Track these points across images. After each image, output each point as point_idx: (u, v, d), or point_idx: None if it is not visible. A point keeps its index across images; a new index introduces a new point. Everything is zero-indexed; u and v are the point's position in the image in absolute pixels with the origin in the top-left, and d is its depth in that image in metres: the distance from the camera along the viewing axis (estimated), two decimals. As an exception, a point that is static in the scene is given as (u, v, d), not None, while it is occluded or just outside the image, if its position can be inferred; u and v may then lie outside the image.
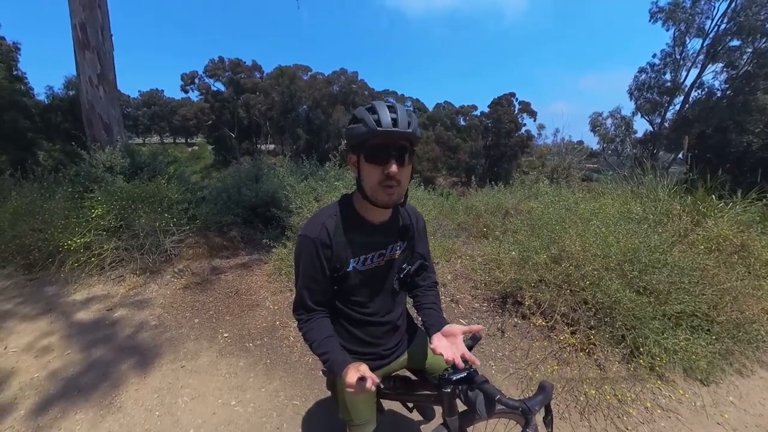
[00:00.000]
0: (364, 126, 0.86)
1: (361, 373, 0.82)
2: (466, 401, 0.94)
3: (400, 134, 0.86)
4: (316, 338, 0.96)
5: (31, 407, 1.88)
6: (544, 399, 0.87)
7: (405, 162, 0.90)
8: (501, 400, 0.84)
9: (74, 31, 5.02)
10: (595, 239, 2.69)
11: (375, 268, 1.02)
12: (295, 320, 1.02)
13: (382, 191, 0.90)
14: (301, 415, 1.83)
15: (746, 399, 2.02)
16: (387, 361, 1.14)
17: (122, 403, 1.91)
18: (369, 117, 0.86)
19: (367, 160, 0.89)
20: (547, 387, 0.88)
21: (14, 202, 3.96)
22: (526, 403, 0.84)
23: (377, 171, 0.88)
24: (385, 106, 0.88)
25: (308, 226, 0.96)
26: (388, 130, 0.84)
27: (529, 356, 2.27)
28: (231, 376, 2.10)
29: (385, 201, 0.91)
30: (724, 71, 17.51)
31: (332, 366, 0.90)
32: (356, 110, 0.91)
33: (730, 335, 2.39)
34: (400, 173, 0.89)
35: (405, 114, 0.88)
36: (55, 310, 2.81)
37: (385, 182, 0.88)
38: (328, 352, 0.93)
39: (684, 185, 4.02)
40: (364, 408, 1.10)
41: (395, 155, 0.87)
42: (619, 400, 1.92)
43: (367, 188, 0.92)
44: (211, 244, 3.91)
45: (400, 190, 0.92)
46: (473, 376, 0.94)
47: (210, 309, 2.83)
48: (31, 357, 2.27)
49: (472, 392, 0.93)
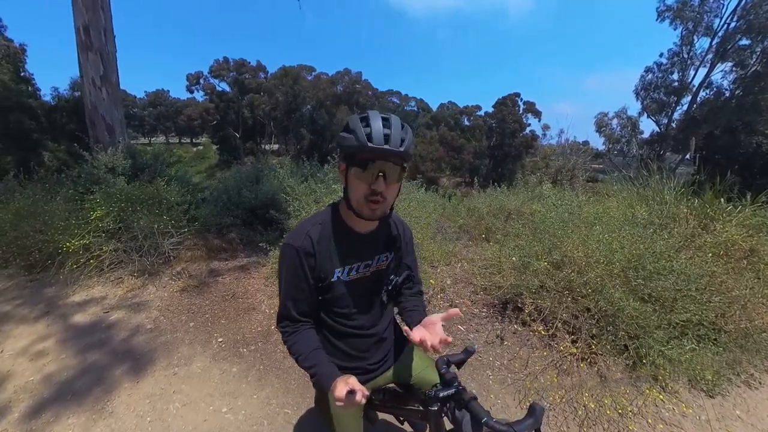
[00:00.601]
0: (354, 139, 0.83)
1: (350, 386, 0.79)
2: (452, 420, 0.91)
3: (391, 153, 0.83)
4: (303, 351, 0.93)
5: (25, 411, 1.88)
6: (533, 423, 0.81)
7: (394, 179, 0.88)
8: (488, 423, 0.79)
9: (77, 33, 5.06)
10: (598, 245, 2.62)
11: (361, 279, 1.00)
12: (280, 333, 0.99)
13: (367, 206, 0.88)
14: (292, 424, 1.80)
15: (754, 413, 1.95)
16: (373, 376, 1.11)
17: (114, 408, 1.90)
18: (361, 130, 0.83)
19: (355, 173, 0.87)
20: (538, 410, 0.83)
21: (17, 203, 3.99)
22: (515, 428, 0.78)
23: (364, 186, 0.86)
24: (379, 118, 0.84)
25: (292, 235, 0.94)
26: (378, 147, 0.81)
27: (528, 366, 2.22)
28: (223, 383, 2.08)
29: (369, 215, 0.89)
30: (733, 71, 17.18)
31: (320, 380, 0.88)
32: (350, 118, 0.87)
33: (738, 345, 2.32)
34: (386, 191, 0.87)
35: (399, 130, 0.84)
36: (53, 313, 2.82)
37: (371, 197, 0.86)
38: (315, 365, 0.90)
39: (691, 187, 3.92)
40: (350, 422, 1.08)
41: (384, 172, 0.85)
42: (620, 413, 1.86)
43: (353, 200, 0.90)
44: (210, 246, 3.90)
45: (385, 205, 0.90)
46: (461, 393, 0.90)
47: (206, 312, 2.81)
48: (27, 360, 2.27)
49: (459, 412, 0.89)
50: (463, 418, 0.87)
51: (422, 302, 1.15)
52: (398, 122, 0.85)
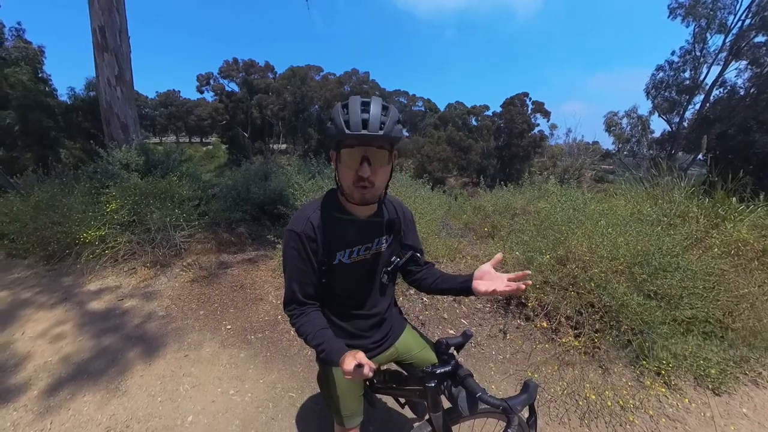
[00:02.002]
0: (334, 127, 0.84)
1: (358, 360, 0.82)
2: (449, 397, 0.93)
3: (370, 137, 0.82)
4: (311, 331, 0.95)
5: (43, 388, 1.97)
6: (527, 399, 0.83)
7: (380, 164, 0.88)
8: (482, 397, 0.82)
9: (94, 35, 5.23)
10: (603, 240, 2.61)
11: (361, 261, 1.02)
12: (287, 316, 1.02)
13: (356, 191, 0.90)
14: (296, 407, 1.85)
15: (761, 411, 1.92)
16: (373, 354, 1.14)
17: (127, 387, 1.98)
18: (340, 117, 0.83)
19: (341, 160, 0.89)
20: (532, 386, 0.85)
21: (36, 197, 4.15)
22: (509, 402, 0.81)
23: (350, 172, 0.88)
24: (358, 103, 0.83)
25: (294, 221, 0.96)
26: (356, 133, 0.81)
27: (530, 359, 2.23)
28: (231, 367, 2.15)
29: (359, 200, 0.92)
30: (747, 69, 16.74)
31: (329, 355, 0.90)
32: (334, 107, 0.88)
33: (746, 343, 2.28)
34: (373, 175, 0.87)
35: (378, 113, 0.83)
36: (70, 300, 2.93)
37: (359, 183, 0.88)
38: (323, 342, 0.93)
39: (702, 187, 3.85)
40: (351, 401, 1.11)
41: (367, 158, 0.85)
42: (621, 406, 1.86)
43: (343, 186, 0.92)
44: (219, 239, 4.00)
45: (374, 190, 0.91)
46: (457, 370, 0.93)
47: (215, 302, 2.89)
48: (46, 342, 2.38)
49: (455, 388, 0.91)
50: (459, 394, 0.89)
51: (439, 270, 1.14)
52: (378, 105, 0.84)
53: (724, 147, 14.81)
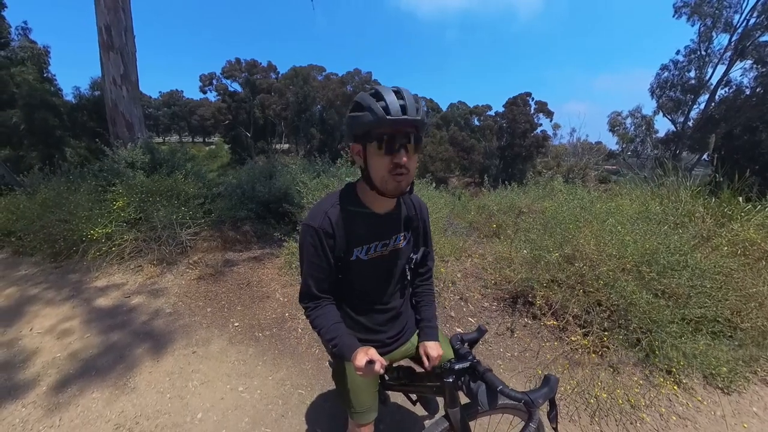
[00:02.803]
0: (371, 114, 0.82)
1: (370, 356, 0.82)
2: (468, 392, 0.92)
3: (410, 122, 0.82)
4: (324, 324, 0.96)
5: (52, 384, 1.98)
6: (548, 392, 0.83)
7: (414, 149, 0.87)
8: (503, 391, 0.82)
9: (99, 34, 5.26)
10: (610, 239, 2.60)
11: (379, 258, 1.01)
12: (302, 309, 1.02)
13: (392, 180, 0.87)
14: (306, 404, 1.85)
15: (772, 410, 1.91)
16: (390, 349, 1.14)
17: (136, 384, 1.98)
18: (376, 104, 0.81)
19: (375, 150, 0.86)
20: (552, 379, 0.85)
21: (43, 195, 4.18)
22: (530, 396, 0.80)
23: (386, 161, 0.85)
24: (391, 91, 0.83)
25: (311, 215, 0.95)
26: (397, 118, 0.81)
27: (539, 356, 2.22)
28: (240, 364, 2.15)
29: (395, 190, 0.89)
30: (753, 68, 16.63)
31: (341, 350, 0.91)
32: (358, 96, 0.86)
33: (755, 342, 2.27)
34: (409, 162, 0.87)
35: (413, 99, 0.83)
36: (77, 296, 2.95)
37: (395, 171, 0.86)
38: (336, 337, 0.93)
39: (708, 186, 3.83)
40: (366, 396, 1.11)
41: (404, 144, 0.85)
42: (632, 405, 1.85)
43: (376, 178, 0.89)
44: (225, 237, 4.00)
45: (408, 177, 0.89)
46: (476, 365, 0.92)
47: (222, 299, 2.90)
48: (54, 338, 2.39)
49: (474, 383, 0.91)
50: (479, 388, 0.89)
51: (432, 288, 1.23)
52: (410, 92, 0.85)
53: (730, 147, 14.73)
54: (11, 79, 10.59)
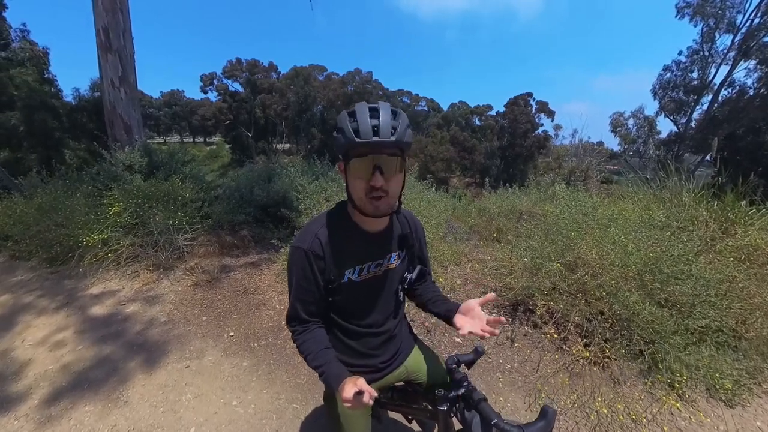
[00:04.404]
0: (342, 137, 0.80)
1: (359, 387, 0.78)
2: (462, 420, 0.89)
3: (382, 144, 0.78)
4: (312, 350, 0.92)
5: (44, 397, 1.95)
6: (545, 426, 0.78)
7: (393, 171, 0.83)
8: (498, 425, 0.78)
9: (97, 35, 5.23)
10: (613, 247, 2.55)
11: (372, 279, 0.98)
12: (290, 331, 0.99)
13: (369, 203, 0.84)
14: (300, 419, 1.82)
15: (777, 424, 1.86)
16: (383, 374, 1.10)
17: (129, 398, 1.95)
18: (348, 126, 0.79)
19: (351, 170, 0.84)
20: (550, 412, 0.80)
21: (39, 199, 4.15)
22: (525, 430, 0.77)
23: (362, 182, 0.83)
24: (366, 110, 0.79)
25: (300, 237, 0.92)
26: (366, 141, 0.77)
27: (539, 369, 2.18)
28: (234, 377, 2.11)
29: (373, 212, 0.86)
30: (757, 68, 16.50)
31: (327, 379, 0.86)
32: (339, 116, 0.83)
33: (759, 353, 2.22)
34: (387, 184, 0.82)
35: (388, 118, 0.79)
36: (72, 304, 2.92)
37: (371, 194, 0.83)
38: (323, 365, 0.89)
39: (711, 189, 3.77)
40: (358, 421, 1.07)
41: (380, 166, 0.80)
42: (633, 420, 1.81)
43: (354, 198, 0.87)
44: (223, 242, 3.97)
45: (388, 200, 0.85)
46: (471, 393, 0.89)
47: (218, 307, 2.86)
48: (47, 350, 2.36)
49: (468, 412, 0.88)
50: (473, 419, 0.86)
51: (437, 288, 1.16)
52: (388, 110, 0.80)
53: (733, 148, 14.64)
54: (11, 80, 10.58)
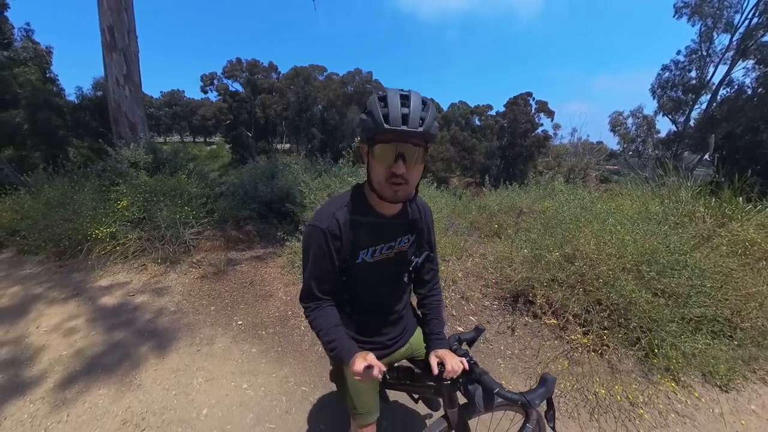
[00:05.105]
0: (372, 121, 0.81)
1: (369, 361, 0.82)
2: (465, 394, 0.94)
3: (409, 134, 0.79)
4: (324, 326, 0.95)
5: (59, 381, 2.01)
6: (545, 392, 0.84)
7: (415, 161, 0.84)
8: (500, 393, 0.83)
9: (102, 34, 5.29)
10: (610, 238, 2.62)
11: (384, 260, 1.01)
12: (302, 309, 1.02)
13: (388, 188, 0.86)
14: (310, 401, 1.88)
15: (770, 408, 1.92)
16: (390, 351, 1.14)
17: (141, 381, 2.01)
18: (378, 110, 0.80)
19: (374, 155, 0.85)
20: (549, 379, 0.85)
21: (47, 195, 4.21)
22: (526, 397, 0.81)
23: (383, 168, 0.85)
24: (398, 96, 0.80)
25: (318, 216, 0.94)
26: (395, 128, 0.78)
27: (539, 355, 2.24)
28: (244, 361, 2.18)
29: (391, 198, 0.88)
30: (755, 68, 16.58)
31: (339, 354, 0.90)
32: (370, 98, 0.85)
33: (754, 342, 2.29)
34: (408, 172, 0.84)
35: (419, 108, 0.80)
36: (82, 295, 2.98)
37: (391, 179, 0.85)
38: (335, 340, 0.92)
39: (709, 187, 3.84)
40: (367, 398, 1.12)
41: (403, 154, 0.82)
42: (630, 402, 1.87)
43: (374, 182, 0.89)
44: (228, 237, 4.03)
45: (407, 188, 0.88)
46: (473, 367, 0.93)
47: (225, 298, 2.93)
48: (60, 336, 2.42)
49: (471, 385, 0.92)
50: (476, 391, 0.90)
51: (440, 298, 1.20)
52: (418, 100, 0.81)
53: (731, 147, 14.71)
54: (14, 79, 10.64)
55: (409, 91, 0.82)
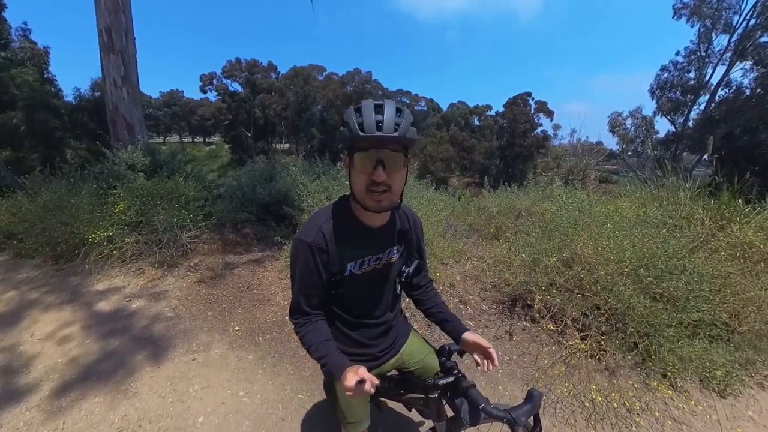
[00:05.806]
0: (348, 131, 0.82)
1: (360, 375, 0.81)
2: (452, 407, 0.93)
3: (385, 139, 0.80)
4: (314, 342, 0.94)
5: (54, 389, 2.00)
6: (531, 408, 0.82)
7: (395, 167, 0.85)
8: (485, 409, 0.82)
9: (100, 35, 5.27)
10: (609, 243, 2.61)
11: (372, 272, 1.00)
12: (292, 324, 1.01)
13: (370, 198, 0.86)
14: (306, 409, 1.87)
15: (767, 414, 1.92)
16: (380, 362, 1.14)
17: (137, 389, 2.00)
18: (353, 120, 0.81)
19: (354, 164, 0.86)
20: (536, 395, 0.84)
21: (44, 197, 4.19)
22: (512, 414, 0.80)
23: (363, 176, 0.85)
24: (372, 106, 0.82)
25: (304, 231, 0.93)
26: (370, 135, 0.79)
27: (537, 361, 2.24)
28: (240, 369, 2.16)
29: (374, 207, 0.88)
30: (753, 69, 16.61)
31: (330, 369, 0.89)
32: (346, 111, 0.86)
33: (752, 346, 2.28)
34: (389, 179, 0.84)
35: (393, 115, 0.81)
36: (78, 300, 2.96)
37: (372, 187, 0.85)
38: (326, 355, 0.91)
39: (708, 188, 3.83)
40: (357, 408, 1.12)
41: (382, 161, 0.82)
42: (627, 408, 1.87)
43: (356, 192, 0.89)
44: (226, 240, 4.02)
45: (390, 196, 0.87)
46: (460, 381, 0.93)
47: (223, 302, 2.92)
48: (55, 344, 2.40)
49: (458, 399, 0.91)
50: (462, 405, 0.89)
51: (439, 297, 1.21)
52: (392, 107, 0.82)
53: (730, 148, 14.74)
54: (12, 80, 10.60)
55: (384, 100, 0.84)
